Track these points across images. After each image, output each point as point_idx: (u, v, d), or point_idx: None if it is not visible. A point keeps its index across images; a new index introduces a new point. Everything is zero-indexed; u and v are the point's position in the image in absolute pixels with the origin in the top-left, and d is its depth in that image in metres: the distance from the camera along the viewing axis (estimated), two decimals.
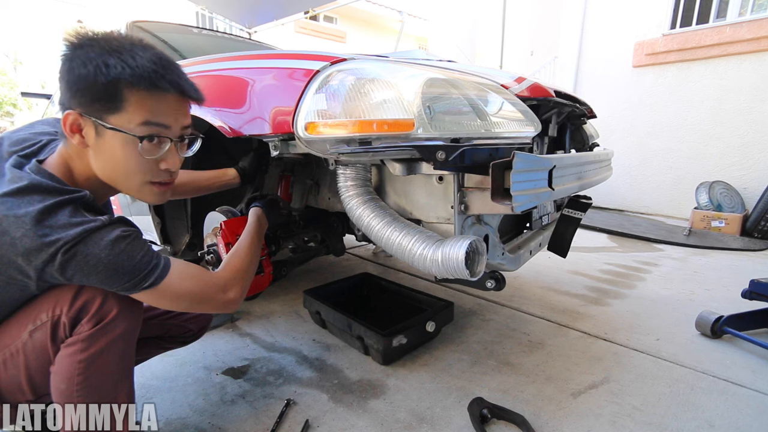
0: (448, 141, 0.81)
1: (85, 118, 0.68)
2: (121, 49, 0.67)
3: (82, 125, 0.68)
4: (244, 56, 1.17)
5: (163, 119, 0.71)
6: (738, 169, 3.80)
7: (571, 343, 1.47)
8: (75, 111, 0.67)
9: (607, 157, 1.51)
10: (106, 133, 0.68)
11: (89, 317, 0.69)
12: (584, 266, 2.43)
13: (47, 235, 0.61)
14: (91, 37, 0.68)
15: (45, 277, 0.64)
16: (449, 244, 0.86)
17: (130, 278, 0.67)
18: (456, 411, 1.09)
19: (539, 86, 1.12)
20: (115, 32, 0.71)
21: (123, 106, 0.67)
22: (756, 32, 3.56)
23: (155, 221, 1.44)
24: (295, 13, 5.02)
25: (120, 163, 0.71)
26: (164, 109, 0.71)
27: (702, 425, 1.05)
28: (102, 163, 0.72)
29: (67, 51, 0.67)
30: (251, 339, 1.48)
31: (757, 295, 1.54)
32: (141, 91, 0.67)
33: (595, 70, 4.70)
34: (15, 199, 0.63)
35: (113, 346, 0.71)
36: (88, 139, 0.69)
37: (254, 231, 1.01)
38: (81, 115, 0.67)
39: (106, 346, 0.70)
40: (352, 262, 2.45)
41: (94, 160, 0.72)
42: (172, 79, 0.71)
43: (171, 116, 0.72)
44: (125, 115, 0.68)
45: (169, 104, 0.72)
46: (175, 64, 0.73)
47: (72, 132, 0.69)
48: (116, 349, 0.72)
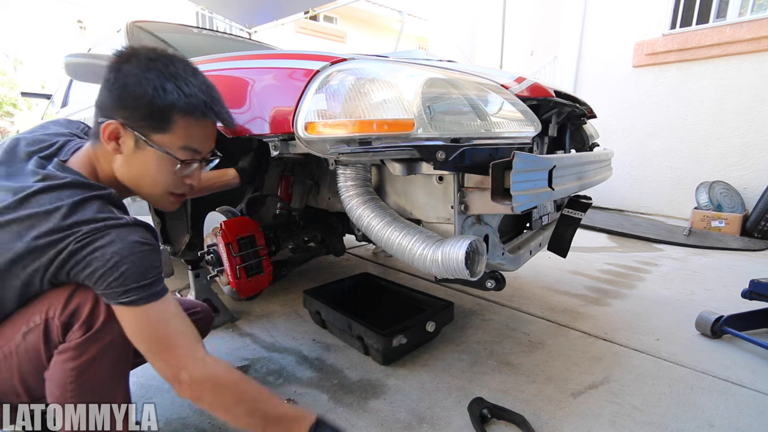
0: (448, 141, 0.81)
1: (127, 130, 0.72)
2: (178, 75, 0.72)
3: (121, 135, 0.72)
4: (244, 56, 1.17)
5: (200, 145, 0.78)
6: (738, 169, 3.79)
7: (571, 343, 1.47)
8: (117, 121, 0.71)
9: (607, 157, 1.51)
10: (146, 148, 0.73)
11: (80, 323, 0.68)
12: (584, 266, 2.43)
13: (72, 226, 0.63)
14: (146, 54, 0.72)
15: (53, 270, 0.65)
16: (449, 244, 0.86)
17: (125, 284, 0.65)
18: (456, 411, 1.09)
19: (539, 86, 1.12)
20: (170, 52, 0.75)
21: (170, 129, 0.72)
22: (756, 32, 3.56)
23: (155, 221, 1.44)
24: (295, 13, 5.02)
25: (151, 176, 0.76)
26: (203, 136, 0.78)
27: (702, 425, 1.05)
28: (131, 171, 0.76)
29: (117, 62, 0.71)
30: (251, 339, 1.48)
31: (757, 295, 1.54)
32: (190, 118, 0.73)
33: (595, 70, 4.70)
34: (46, 195, 0.66)
35: (105, 353, 0.70)
36: (124, 147, 0.73)
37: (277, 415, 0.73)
38: (123, 127, 0.71)
39: (98, 353, 0.69)
40: (352, 262, 2.45)
41: (123, 166, 0.75)
42: (218, 111, 0.77)
43: (206, 142, 0.80)
44: (169, 137, 0.73)
45: (207, 131, 0.79)
46: (217, 93, 0.78)
47: (109, 139, 0.72)
48: (109, 356, 0.71)
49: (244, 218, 1.15)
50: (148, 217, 1.44)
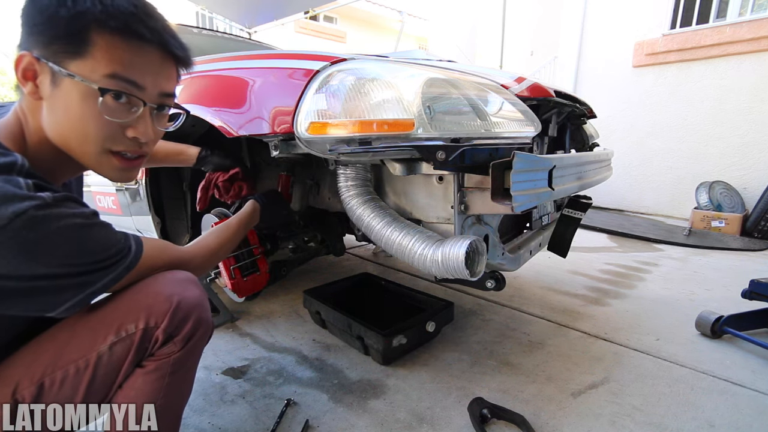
0: (448, 141, 0.81)
1: (41, 63, 0.55)
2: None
3: (38, 71, 0.55)
4: (244, 56, 1.17)
5: (137, 76, 0.57)
6: (738, 169, 3.80)
7: (571, 343, 1.47)
8: (30, 53, 0.54)
9: (607, 157, 1.51)
10: (63, 81, 0.55)
11: (183, 335, 0.60)
12: (584, 266, 2.43)
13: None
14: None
15: None
16: (449, 244, 0.86)
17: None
18: (456, 411, 1.09)
19: (539, 86, 1.12)
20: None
21: (88, 51, 0.54)
22: (756, 32, 3.56)
23: (155, 221, 1.44)
24: (295, 13, 5.02)
25: (75, 122, 0.57)
26: (140, 64, 0.57)
27: (702, 425, 1.05)
28: (54, 120, 0.57)
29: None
30: (251, 339, 1.48)
31: (757, 295, 1.54)
32: (113, 35, 0.55)
33: (595, 70, 4.70)
34: None
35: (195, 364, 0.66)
36: (42, 89, 0.56)
37: (240, 220, 0.98)
38: (37, 59, 0.54)
39: (190, 365, 0.65)
40: (352, 262, 2.45)
41: (47, 116, 0.57)
42: (154, 27, 0.57)
43: (148, 75, 0.59)
44: (90, 63, 0.55)
45: (147, 59, 0.58)
46: (161, 14, 0.60)
47: (25, 79, 0.56)
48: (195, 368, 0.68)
49: None
50: (147, 218, 1.44)
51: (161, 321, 0.59)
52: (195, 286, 0.67)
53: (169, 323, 0.59)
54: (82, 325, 0.60)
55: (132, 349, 0.59)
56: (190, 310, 0.61)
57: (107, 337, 0.58)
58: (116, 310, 0.59)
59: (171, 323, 0.60)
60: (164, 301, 0.60)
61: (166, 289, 0.61)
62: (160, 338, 0.59)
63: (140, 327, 0.58)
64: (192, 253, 0.76)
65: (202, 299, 0.65)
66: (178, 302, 0.60)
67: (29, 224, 0.47)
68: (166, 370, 0.61)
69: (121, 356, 0.59)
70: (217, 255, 0.86)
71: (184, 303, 0.61)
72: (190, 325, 0.62)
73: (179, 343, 0.62)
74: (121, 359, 0.59)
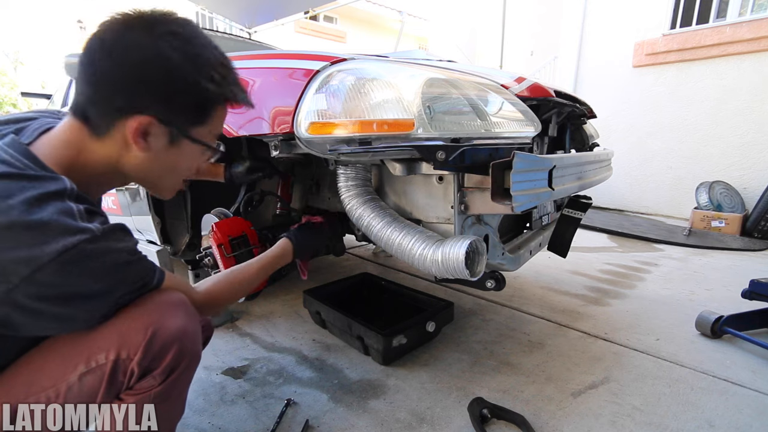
0: (448, 141, 0.81)
1: (161, 126, 0.58)
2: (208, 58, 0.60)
3: (151, 132, 0.58)
4: (245, 56, 1.17)
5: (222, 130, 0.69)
6: (738, 169, 3.79)
7: (571, 343, 1.47)
8: (152, 117, 0.56)
9: (607, 157, 1.51)
10: (182, 142, 0.61)
11: (162, 368, 0.56)
12: (584, 266, 2.43)
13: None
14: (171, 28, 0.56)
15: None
16: (449, 244, 0.86)
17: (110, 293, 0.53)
18: (456, 411, 1.09)
19: (539, 86, 1.12)
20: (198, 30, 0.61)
21: (208, 121, 0.63)
22: (756, 32, 3.56)
23: (155, 221, 1.43)
24: (295, 13, 5.01)
25: (173, 169, 0.65)
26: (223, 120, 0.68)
27: (702, 425, 1.05)
28: (150, 167, 0.62)
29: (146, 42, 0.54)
30: (251, 339, 1.48)
31: (757, 295, 1.54)
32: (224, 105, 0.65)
33: (595, 70, 4.70)
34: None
35: (183, 392, 0.63)
36: (153, 144, 0.59)
37: (267, 261, 0.92)
38: (159, 123, 0.57)
39: (177, 394, 0.62)
40: (352, 262, 2.45)
41: (142, 162, 0.60)
42: (245, 97, 0.66)
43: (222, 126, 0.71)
44: (207, 128, 0.64)
45: (225, 114, 0.68)
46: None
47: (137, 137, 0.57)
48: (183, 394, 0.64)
49: (235, 218, 1.15)
50: (147, 218, 1.44)
51: (134, 353, 0.54)
52: (182, 312, 0.61)
53: (144, 355, 0.54)
54: (55, 351, 0.56)
55: (103, 382, 0.55)
56: (170, 340, 0.56)
57: (77, 366, 0.55)
58: (89, 337, 0.55)
59: (146, 355, 0.55)
60: (138, 331, 0.54)
61: (143, 318, 0.56)
62: (136, 371, 0.55)
63: (110, 358, 0.54)
64: (202, 302, 0.73)
65: (185, 327, 0.59)
66: (153, 333, 0.55)
67: (77, 258, 0.48)
68: (147, 401, 0.57)
69: (92, 388, 0.55)
70: (230, 300, 0.83)
71: (161, 333, 0.55)
72: (171, 357, 0.56)
73: (159, 376, 0.57)
74: (93, 391, 0.55)
